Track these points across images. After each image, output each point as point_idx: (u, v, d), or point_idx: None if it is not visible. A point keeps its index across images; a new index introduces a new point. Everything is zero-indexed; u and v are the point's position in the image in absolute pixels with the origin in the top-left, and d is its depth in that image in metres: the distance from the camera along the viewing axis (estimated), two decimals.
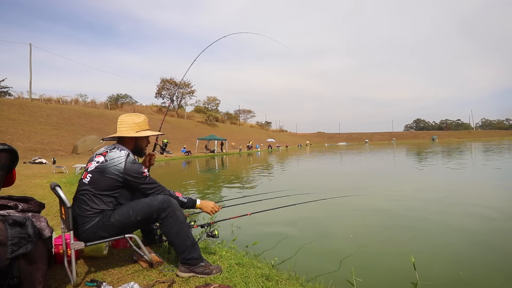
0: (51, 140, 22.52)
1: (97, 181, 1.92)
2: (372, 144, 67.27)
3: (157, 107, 54.65)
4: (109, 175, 1.93)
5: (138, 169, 1.99)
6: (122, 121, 2.15)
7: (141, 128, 2.16)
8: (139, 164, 2.03)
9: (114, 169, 1.93)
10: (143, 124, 2.18)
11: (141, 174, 1.99)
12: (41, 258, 1.66)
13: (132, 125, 2.13)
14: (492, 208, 5.01)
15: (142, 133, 2.15)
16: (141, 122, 2.17)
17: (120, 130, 2.12)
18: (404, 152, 25.54)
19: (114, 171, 1.93)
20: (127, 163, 1.96)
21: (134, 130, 2.13)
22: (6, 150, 1.77)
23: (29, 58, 32.78)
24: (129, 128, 2.12)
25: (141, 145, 2.20)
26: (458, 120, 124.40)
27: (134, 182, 1.97)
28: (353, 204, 5.32)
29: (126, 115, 2.18)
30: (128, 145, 2.13)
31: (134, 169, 1.96)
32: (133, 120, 2.15)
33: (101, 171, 1.95)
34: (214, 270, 2.04)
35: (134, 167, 1.97)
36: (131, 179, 1.96)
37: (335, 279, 2.45)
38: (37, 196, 4.50)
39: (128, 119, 2.15)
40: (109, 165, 1.94)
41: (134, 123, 2.14)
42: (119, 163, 1.95)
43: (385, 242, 3.54)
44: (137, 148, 2.18)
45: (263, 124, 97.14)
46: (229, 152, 35.88)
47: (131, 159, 2.00)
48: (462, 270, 2.71)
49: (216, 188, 8.44)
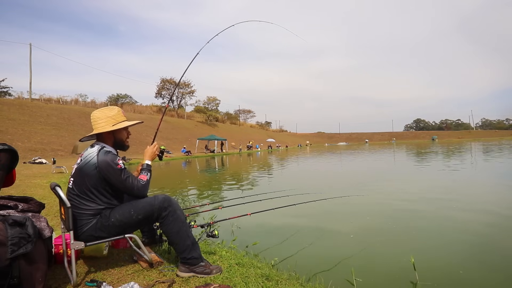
0: (51, 140, 22.52)
1: (78, 183, 1.89)
2: (372, 144, 67.27)
3: (157, 107, 54.65)
4: (86, 174, 1.88)
5: (112, 159, 1.90)
6: (95, 117, 2.03)
7: (116, 121, 2.05)
8: (113, 155, 1.93)
9: (89, 166, 1.88)
10: (117, 116, 2.06)
11: (116, 165, 1.90)
12: (41, 258, 1.66)
13: (107, 120, 2.02)
14: (493, 208, 5.01)
15: (118, 125, 2.04)
16: (115, 114, 2.05)
17: (96, 127, 2.02)
18: (404, 152, 25.53)
19: (89, 168, 1.87)
20: (99, 156, 1.89)
21: (110, 124, 2.02)
22: (6, 150, 1.77)
23: (29, 58, 32.83)
24: (104, 123, 2.01)
25: (120, 138, 2.10)
26: (458, 120, 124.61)
27: (109, 175, 1.88)
28: (353, 204, 5.32)
29: (98, 111, 2.06)
30: (108, 140, 2.05)
31: (106, 160, 1.87)
32: (106, 114, 2.03)
33: (79, 172, 1.91)
34: (214, 270, 2.04)
35: (107, 157, 1.89)
36: (105, 171, 1.87)
37: (335, 279, 2.45)
38: (37, 196, 4.50)
39: (101, 114, 2.03)
40: (84, 163, 1.89)
41: (108, 117, 2.03)
42: (92, 158, 1.89)
43: (385, 242, 3.54)
44: (117, 141, 2.09)
45: (263, 124, 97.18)
46: (229, 152, 35.88)
47: (104, 151, 1.92)
48: (462, 270, 2.71)
49: (216, 188, 8.44)
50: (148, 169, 2.14)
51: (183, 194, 7.33)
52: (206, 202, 5.62)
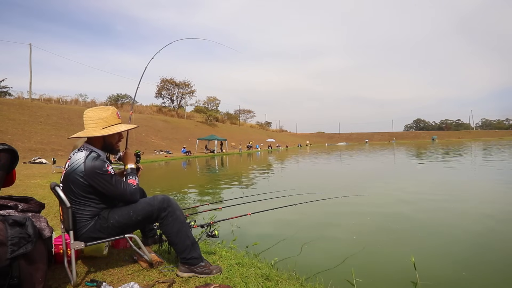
0: (51, 140, 22.51)
1: (67, 190, 1.83)
2: (372, 144, 67.25)
3: (157, 107, 54.68)
4: (72, 181, 1.80)
5: (100, 166, 1.80)
6: (87, 117, 1.91)
7: (108, 124, 1.92)
8: (101, 161, 1.82)
9: (75, 173, 1.79)
10: (110, 119, 1.93)
11: (104, 172, 1.80)
12: (41, 258, 1.66)
13: (98, 121, 1.90)
14: (493, 208, 5.01)
15: (108, 129, 1.91)
16: (108, 116, 1.93)
17: (87, 128, 1.91)
18: (404, 152, 25.53)
19: (75, 175, 1.79)
20: (86, 162, 1.78)
21: (101, 127, 1.90)
22: (6, 150, 1.77)
23: (29, 58, 32.82)
24: (95, 124, 1.90)
25: (110, 141, 1.98)
26: (458, 120, 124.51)
27: (98, 182, 1.79)
28: (353, 204, 5.32)
29: (91, 110, 1.94)
30: (97, 143, 1.94)
31: (94, 167, 1.78)
32: (98, 116, 1.91)
33: (66, 178, 1.83)
34: (214, 270, 2.04)
35: (94, 164, 1.79)
36: (93, 179, 1.78)
37: (335, 279, 2.44)
38: (37, 196, 4.49)
39: (93, 115, 1.91)
40: (71, 170, 1.81)
41: (100, 118, 1.90)
42: (78, 165, 1.79)
43: (385, 242, 3.54)
44: (106, 145, 1.97)
45: (263, 124, 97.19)
46: (229, 152, 35.87)
47: (91, 157, 1.81)
48: (463, 270, 2.71)
49: (216, 188, 8.44)
50: (134, 173, 2.07)
51: (183, 194, 7.33)
52: (206, 202, 5.62)
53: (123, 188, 1.89)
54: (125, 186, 1.91)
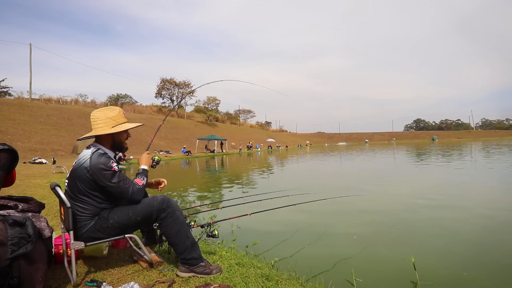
0: (51, 140, 22.51)
1: (72, 186, 1.88)
2: (372, 144, 67.25)
3: (157, 107, 54.64)
4: (78, 177, 1.85)
5: (105, 162, 1.84)
6: (95, 117, 1.97)
7: (116, 122, 1.99)
8: (107, 158, 1.87)
9: (81, 169, 1.84)
10: (118, 118, 2.00)
11: (109, 168, 1.84)
12: (41, 258, 1.66)
13: (107, 121, 1.96)
14: (494, 208, 5.01)
15: (118, 127, 1.98)
16: (115, 115, 1.99)
17: (95, 128, 1.97)
18: (404, 152, 25.53)
19: (81, 171, 1.84)
20: (92, 158, 1.83)
21: (110, 126, 1.96)
22: (6, 150, 1.77)
23: (29, 58, 32.82)
24: (104, 124, 1.96)
25: (120, 140, 2.04)
26: (458, 120, 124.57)
27: (102, 178, 1.82)
28: (353, 204, 5.32)
29: (99, 110, 2.01)
30: (106, 142, 2.00)
31: (99, 163, 1.82)
32: (106, 115, 1.97)
33: (72, 174, 1.88)
34: (214, 270, 2.04)
35: (100, 160, 1.83)
36: (97, 175, 1.81)
37: (335, 279, 2.44)
38: (37, 196, 4.49)
39: (101, 115, 1.97)
40: (77, 166, 1.86)
41: (108, 118, 1.97)
42: (85, 161, 1.84)
43: (385, 242, 3.54)
44: (116, 143, 2.03)
45: (263, 124, 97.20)
46: (229, 152, 35.86)
47: (97, 153, 1.86)
48: (462, 270, 2.71)
49: (216, 188, 8.44)
50: (144, 174, 2.09)
51: (183, 194, 7.33)
52: (206, 202, 5.63)
53: (125, 186, 1.90)
54: (128, 185, 1.92)
